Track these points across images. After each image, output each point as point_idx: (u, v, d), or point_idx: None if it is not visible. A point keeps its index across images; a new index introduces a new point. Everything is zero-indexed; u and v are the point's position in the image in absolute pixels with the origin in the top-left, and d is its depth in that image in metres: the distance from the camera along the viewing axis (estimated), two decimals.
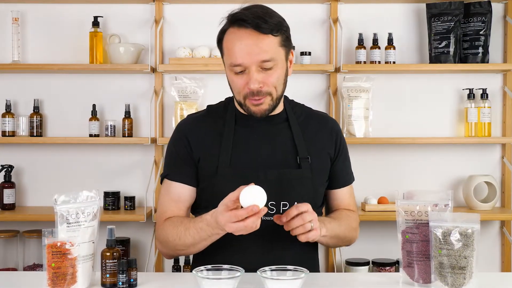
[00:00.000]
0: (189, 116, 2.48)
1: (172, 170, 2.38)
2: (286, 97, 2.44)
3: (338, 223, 2.32)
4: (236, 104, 2.38)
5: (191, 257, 3.88)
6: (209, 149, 2.31)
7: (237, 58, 2.18)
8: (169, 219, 2.31)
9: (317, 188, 2.36)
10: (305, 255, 2.34)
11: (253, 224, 1.98)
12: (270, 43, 2.19)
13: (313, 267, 2.39)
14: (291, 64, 2.33)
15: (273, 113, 2.35)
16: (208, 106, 2.48)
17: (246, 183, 2.01)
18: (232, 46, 2.20)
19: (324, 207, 2.53)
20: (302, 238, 2.10)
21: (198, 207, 2.37)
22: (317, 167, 2.34)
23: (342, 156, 2.46)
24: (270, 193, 2.06)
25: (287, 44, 2.27)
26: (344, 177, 2.48)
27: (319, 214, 2.39)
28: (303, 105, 2.51)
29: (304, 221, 2.07)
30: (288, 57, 2.30)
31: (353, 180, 2.54)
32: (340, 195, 2.48)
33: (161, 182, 2.43)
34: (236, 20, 2.20)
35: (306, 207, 2.10)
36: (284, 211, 2.23)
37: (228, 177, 2.21)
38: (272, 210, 2.24)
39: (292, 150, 2.33)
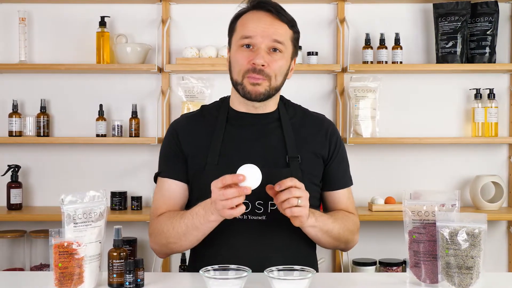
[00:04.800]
0: (183, 115, 2.52)
1: (165, 167, 2.41)
2: (282, 97, 2.45)
3: (332, 220, 2.29)
4: (231, 97, 2.41)
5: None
6: (198, 148, 2.33)
7: (250, 31, 2.24)
8: (167, 212, 2.33)
9: (307, 188, 2.26)
10: (299, 257, 2.29)
11: (232, 194, 2.01)
12: (285, 31, 2.27)
13: None
14: (292, 71, 2.37)
15: (265, 111, 2.36)
16: (202, 106, 2.50)
17: None
18: (248, 21, 2.27)
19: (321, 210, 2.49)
20: (288, 213, 2.07)
21: (189, 207, 2.36)
22: (307, 167, 2.32)
23: (337, 158, 2.43)
24: (258, 192, 2.08)
25: (295, 45, 2.34)
26: (339, 179, 2.45)
27: None
28: (299, 105, 2.51)
29: (291, 195, 2.04)
30: (293, 57, 2.34)
31: (351, 183, 2.50)
32: (336, 197, 2.45)
33: (155, 181, 2.45)
34: (257, 4, 2.28)
35: (293, 182, 2.07)
36: (272, 210, 2.24)
37: (215, 177, 2.13)
38: (260, 209, 2.24)
39: (282, 150, 2.32)
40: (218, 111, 2.41)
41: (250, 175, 2.02)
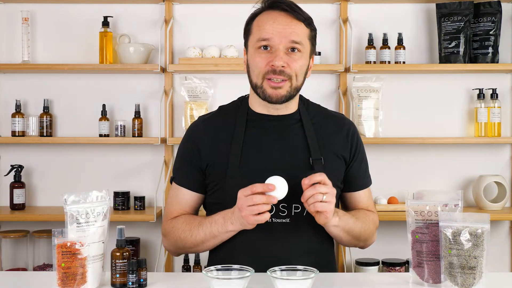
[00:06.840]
0: (200, 118, 2.47)
1: (180, 175, 2.39)
2: (301, 96, 2.43)
3: (354, 219, 2.29)
4: (250, 98, 2.39)
5: (201, 257, 3.89)
6: (219, 152, 2.30)
7: (267, 33, 2.21)
8: (183, 216, 2.34)
9: None
10: (321, 259, 2.30)
11: (260, 200, 2.03)
12: (302, 30, 2.25)
13: (331, 271, 2.38)
14: (311, 69, 2.35)
15: (286, 113, 2.34)
16: (220, 107, 2.47)
17: None
18: (264, 23, 2.23)
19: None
20: (311, 208, 2.07)
21: (210, 211, 2.36)
22: (330, 169, 2.28)
23: (358, 159, 2.42)
24: None
25: (313, 43, 2.32)
26: (360, 180, 2.45)
27: None
28: (318, 105, 2.48)
29: (315, 191, 2.05)
30: (311, 56, 2.32)
31: (371, 183, 2.50)
32: (357, 198, 2.45)
33: (171, 182, 2.45)
34: (272, 3, 2.25)
35: (322, 177, 2.08)
36: (296, 213, 2.23)
37: (238, 180, 2.17)
38: (284, 212, 2.23)
39: (304, 151, 2.29)
40: (237, 111, 2.38)
41: (278, 186, 2.05)
